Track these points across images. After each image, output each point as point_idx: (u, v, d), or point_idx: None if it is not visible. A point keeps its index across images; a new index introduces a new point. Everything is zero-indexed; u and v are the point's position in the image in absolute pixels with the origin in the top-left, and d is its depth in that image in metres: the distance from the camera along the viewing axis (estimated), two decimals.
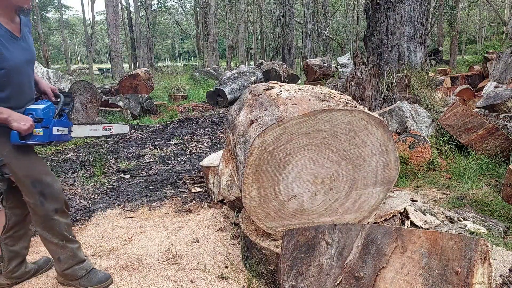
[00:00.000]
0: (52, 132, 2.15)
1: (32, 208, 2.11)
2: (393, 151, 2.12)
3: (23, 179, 2.05)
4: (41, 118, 2.11)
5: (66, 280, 2.29)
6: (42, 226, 2.15)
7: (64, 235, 2.19)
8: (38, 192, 2.07)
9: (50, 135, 2.14)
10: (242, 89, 10.57)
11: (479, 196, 3.33)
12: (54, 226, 2.15)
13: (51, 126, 2.14)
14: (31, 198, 2.08)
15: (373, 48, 6.14)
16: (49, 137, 2.15)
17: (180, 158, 5.32)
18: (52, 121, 2.14)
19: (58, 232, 2.16)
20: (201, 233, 2.96)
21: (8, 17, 1.99)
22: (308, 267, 1.60)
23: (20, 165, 2.03)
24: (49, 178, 2.13)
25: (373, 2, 6.01)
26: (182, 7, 37.69)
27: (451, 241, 1.35)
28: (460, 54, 26.47)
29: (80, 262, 2.26)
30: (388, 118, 4.58)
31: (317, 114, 1.96)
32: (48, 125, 2.13)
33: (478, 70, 10.76)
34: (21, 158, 2.04)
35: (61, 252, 2.21)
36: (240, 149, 2.19)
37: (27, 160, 2.07)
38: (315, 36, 22.37)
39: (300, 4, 28.95)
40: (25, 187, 2.07)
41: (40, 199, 2.08)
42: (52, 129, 2.15)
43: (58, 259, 2.22)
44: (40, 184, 2.08)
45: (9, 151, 2.01)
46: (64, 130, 2.20)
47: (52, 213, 2.12)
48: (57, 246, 2.19)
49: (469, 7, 27.69)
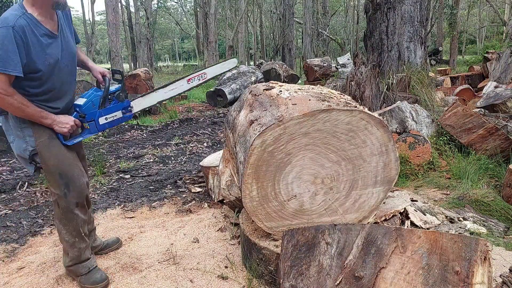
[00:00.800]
0: (99, 123, 2.19)
1: (55, 199, 2.18)
2: (393, 151, 2.12)
3: (52, 169, 2.11)
4: (84, 114, 2.15)
5: (70, 274, 2.38)
6: (61, 219, 2.22)
7: (78, 231, 2.26)
8: (64, 184, 2.13)
9: (98, 126, 2.19)
10: (242, 89, 10.56)
11: (479, 196, 3.33)
12: (72, 220, 2.22)
13: (97, 118, 2.17)
14: (56, 188, 2.15)
15: (373, 48, 6.13)
16: (98, 129, 2.20)
17: (180, 158, 5.32)
18: (96, 113, 2.16)
19: (74, 227, 2.23)
20: (201, 233, 2.96)
21: (46, 15, 2.01)
22: (308, 267, 1.60)
23: (50, 156, 2.10)
24: (76, 172, 2.18)
25: (373, 2, 6.00)
26: (182, 7, 37.71)
27: (451, 241, 1.35)
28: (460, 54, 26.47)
29: (84, 260, 2.32)
30: (388, 118, 4.58)
31: (317, 114, 1.96)
32: (93, 118, 2.16)
33: (478, 70, 10.76)
34: (52, 149, 2.11)
35: (70, 250, 2.29)
36: (240, 149, 2.19)
37: (58, 152, 2.13)
38: (315, 36, 22.36)
39: (300, 4, 28.94)
40: (52, 178, 2.13)
41: (64, 191, 2.14)
42: (98, 120, 2.18)
43: (67, 254, 2.31)
44: (67, 176, 2.13)
45: (43, 141, 2.09)
46: (115, 115, 2.21)
47: (73, 207, 2.19)
48: (68, 243, 2.27)
49: (469, 7, 27.70)
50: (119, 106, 2.22)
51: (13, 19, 1.88)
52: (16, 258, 2.69)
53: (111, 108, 2.21)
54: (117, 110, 2.22)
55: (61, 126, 2.10)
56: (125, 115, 2.25)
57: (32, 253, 2.75)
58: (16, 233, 3.07)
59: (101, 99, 2.17)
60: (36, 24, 1.96)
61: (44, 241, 2.94)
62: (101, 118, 2.19)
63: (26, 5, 1.97)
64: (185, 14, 36.32)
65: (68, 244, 2.27)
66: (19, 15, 1.91)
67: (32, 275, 2.44)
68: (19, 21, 1.89)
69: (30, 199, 3.79)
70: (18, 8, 1.96)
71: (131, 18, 27.08)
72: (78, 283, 2.32)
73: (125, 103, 2.25)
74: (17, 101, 1.96)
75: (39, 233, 3.08)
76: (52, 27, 2.04)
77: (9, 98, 1.93)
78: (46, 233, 3.07)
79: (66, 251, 2.31)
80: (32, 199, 3.79)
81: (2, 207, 3.62)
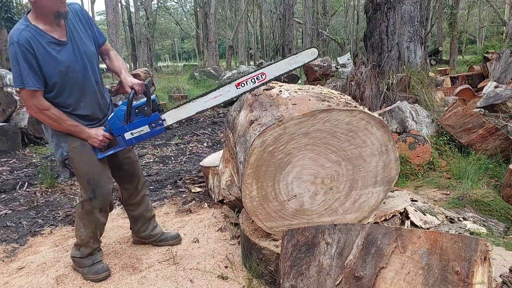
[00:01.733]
0: (125, 139, 2.18)
1: (81, 201, 2.29)
2: (393, 151, 2.12)
3: (81, 174, 2.21)
4: (111, 129, 2.18)
5: (73, 265, 2.45)
6: (82, 219, 2.32)
7: (95, 233, 2.36)
8: (91, 190, 2.22)
9: (125, 141, 2.19)
10: None
11: (479, 196, 3.33)
12: (92, 222, 2.31)
13: (122, 133, 2.17)
14: (84, 192, 2.26)
15: (373, 48, 6.13)
16: (126, 143, 2.20)
17: (180, 158, 5.32)
18: (122, 128, 2.15)
19: (92, 229, 2.33)
20: (201, 233, 2.95)
21: (52, 23, 2.03)
22: (308, 267, 1.60)
23: (81, 162, 2.19)
24: (104, 180, 2.26)
25: (373, 2, 6.00)
26: (182, 7, 37.71)
27: (451, 241, 1.35)
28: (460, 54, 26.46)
29: (92, 255, 2.39)
30: (388, 118, 4.58)
31: (317, 114, 1.96)
32: (120, 133, 2.16)
33: (478, 70, 10.75)
34: (83, 156, 2.19)
35: (83, 247, 2.37)
36: (240, 149, 2.19)
37: (89, 159, 2.21)
38: (315, 36, 22.35)
39: (300, 4, 28.94)
40: (82, 182, 2.24)
41: (90, 196, 2.23)
42: (124, 136, 2.17)
43: (78, 248, 2.39)
44: (94, 183, 2.22)
45: (75, 147, 2.18)
46: (141, 129, 2.16)
47: (96, 211, 2.29)
48: (83, 241, 2.35)
49: (469, 7, 27.70)
50: (145, 121, 2.15)
51: (17, 33, 1.94)
52: (16, 258, 2.69)
53: (136, 123, 2.15)
54: (143, 124, 2.15)
55: (91, 140, 2.19)
56: (154, 129, 2.16)
57: (32, 253, 2.75)
58: (16, 233, 3.07)
59: (125, 114, 2.13)
60: (41, 34, 1.99)
61: (44, 241, 2.94)
62: (127, 134, 2.17)
63: (30, 17, 2.01)
64: (185, 14, 36.32)
65: (83, 242, 2.36)
66: (22, 29, 1.95)
67: (32, 275, 2.44)
68: (22, 35, 1.93)
69: (30, 199, 3.79)
70: (22, 22, 2.00)
71: (131, 18, 27.08)
72: (81, 273, 2.38)
73: (152, 117, 2.14)
74: (54, 115, 2.07)
75: (39, 233, 3.08)
76: (59, 35, 2.06)
77: (44, 112, 2.05)
78: (46, 233, 3.07)
79: (78, 246, 2.39)
80: (32, 199, 3.79)
81: (2, 207, 3.62)
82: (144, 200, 2.66)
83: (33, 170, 4.71)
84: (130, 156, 2.54)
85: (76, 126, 2.14)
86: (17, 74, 1.97)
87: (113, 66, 2.38)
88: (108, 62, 2.40)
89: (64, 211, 3.51)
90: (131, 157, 2.55)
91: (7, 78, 6.49)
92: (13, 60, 1.95)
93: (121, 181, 2.57)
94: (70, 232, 3.08)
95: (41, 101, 2.03)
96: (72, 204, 3.67)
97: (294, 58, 2.16)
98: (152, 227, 2.73)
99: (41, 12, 1.98)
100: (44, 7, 1.96)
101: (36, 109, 2.04)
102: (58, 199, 3.81)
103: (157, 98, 2.22)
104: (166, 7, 36.62)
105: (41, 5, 1.95)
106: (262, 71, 2.14)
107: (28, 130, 5.80)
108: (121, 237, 2.94)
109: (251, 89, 2.17)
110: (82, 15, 2.20)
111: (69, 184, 4.22)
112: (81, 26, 2.17)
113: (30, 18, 2.01)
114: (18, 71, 1.95)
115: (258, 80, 2.14)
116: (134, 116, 2.15)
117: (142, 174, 2.67)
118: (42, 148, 5.82)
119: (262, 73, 2.13)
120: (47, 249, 2.78)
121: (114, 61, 2.38)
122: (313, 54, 2.16)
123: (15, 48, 1.92)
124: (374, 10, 6.01)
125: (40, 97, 2.03)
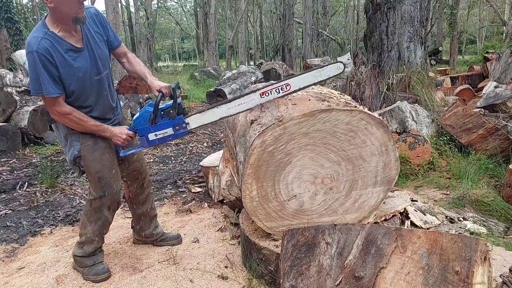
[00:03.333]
0: (149, 139, 2.22)
1: (90, 199, 2.30)
2: (393, 151, 2.12)
3: (92, 173, 2.23)
4: (135, 129, 2.22)
5: (74, 264, 2.46)
6: (89, 216, 2.33)
7: (101, 231, 2.39)
8: (101, 188, 2.25)
9: (148, 141, 2.22)
10: (242, 89, 10.56)
11: (479, 196, 3.32)
12: (99, 220, 2.33)
13: (146, 134, 2.20)
14: (94, 190, 2.28)
15: (373, 48, 6.14)
16: (149, 144, 2.24)
17: (180, 158, 5.32)
18: (146, 129, 2.19)
19: (98, 226, 2.35)
20: (201, 233, 2.95)
21: (69, 29, 2.04)
22: (308, 267, 1.60)
23: (93, 160, 2.21)
24: (113, 178, 2.28)
25: (373, 2, 6.00)
26: (182, 7, 37.67)
27: (451, 241, 1.35)
28: (460, 54, 26.45)
29: (94, 255, 2.40)
30: (388, 118, 4.58)
31: (317, 114, 1.96)
32: (144, 134, 2.20)
33: (478, 70, 10.75)
34: (95, 154, 2.21)
35: (87, 245, 2.38)
36: (240, 149, 2.19)
37: (100, 158, 2.23)
38: (315, 36, 22.34)
39: (300, 4, 28.91)
40: (92, 180, 2.26)
41: (100, 194, 2.26)
42: (148, 136, 2.21)
43: (81, 247, 2.39)
44: (105, 181, 2.24)
45: (87, 146, 2.20)
46: (165, 131, 2.20)
47: (105, 209, 2.32)
48: (89, 239, 2.36)
49: (469, 7, 27.68)
50: (170, 123, 2.18)
51: (36, 42, 1.93)
52: (16, 258, 2.69)
53: (161, 125, 2.18)
54: (168, 127, 2.18)
55: (115, 138, 2.23)
56: (178, 132, 2.20)
57: (32, 253, 2.75)
58: (16, 233, 3.07)
59: (151, 116, 2.17)
60: (59, 42, 1.99)
61: (44, 241, 2.94)
62: (151, 134, 2.20)
63: (48, 22, 2.00)
64: (185, 14, 36.31)
65: (88, 239, 2.37)
66: (41, 37, 1.95)
67: (32, 275, 2.44)
68: (41, 44, 1.94)
69: (30, 199, 3.79)
70: (40, 29, 1.99)
71: (131, 18, 27.07)
72: (81, 273, 2.39)
73: (177, 120, 2.18)
74: (77, 118, 2.11)
75: (39, 233, 3.08)
76: (76, 41, 2.07)
77: (67, 117, 2.09)
78: (46, 233, 3.08)
79: (82, 244, 2.39)
80: (32, 199, 3.79)
81: (2, 207, 3.62)
82: (149, 198, 2.69)
83: (33, 170, 4.71)
84: (137, 154, 2.56)
85: (99, 125, 2.19)
86: (36, 81, 1.97)
87: (135, 70, 2.40)
88: (128, 66, 2.41)
89: (64, 211, 3.51)
90: (138, 154, 2.57)
91: (7, 78, 6.47)
92: (32, 68, 1.95)
93: (128, 178, 2.58)
94: (70, 232, 3.08)
95: (63, 107, 2.07)
96: (72, 204, 3.67)
97: (320, 71, 2.16)
98: (154, 226, 2.75)
99: (60, 17, 1.98)
100: (63, 12, 1.95)
101: (59, 115, 2.09)
102: (58, 199, 3.81)
103: (182, 101, 2.25)
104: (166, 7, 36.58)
105: (60, 11, 1.94)
106: (286, 82, 2.16)
107: (28, 130, 5.80)
108: (121, 237, 2.94)
109: (274, 99, 2.18)
110: (98, 19, 2.20)
111: (69, 184, 4.22)
112: (96, 30, 2.18)
113: (47, 23, 2.00)
114: (37, 79, 1.96)
115: (283, 91, 2.15)
116: (159, 118, 2.19)
117: (148, 172, 2.70)
118: (42, 148, 5.82)
119: (286, 84, 2.15)
120: (47, 249, 2.78)
121: (135, 65, 2.40)
122: (339, 68, 2.17)
123: (34, 57, 1.92)
124: (374, 10, 6.01)
125: (61, 102, 2.06)
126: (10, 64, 12.33)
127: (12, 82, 6.49)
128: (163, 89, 2.24)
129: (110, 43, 2.29)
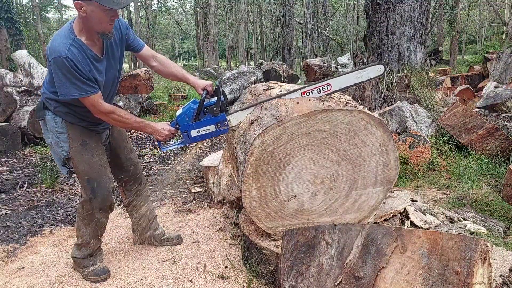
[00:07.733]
0: (191, 135, 2.24)
1: (81, 201, 2.29)
2: (393, 151, 2.12)
3: (81, 174, 2.21)
4: (178, 125, 2.24)
5: (74, 265, 2.46)
6: (82, 218, 2.32)
7: (96, 233, 2.37)
8: (91, 189, 2.22)
9: (190, 138, 2.25)
10: (242, 89, 10.56)
11: (479, 196, 3.33)
12: (92, 222, 2.31)
13: (189, 130, 2.23)
14: (84, 192, 2.27)
15: (373, 48, 6.14)
16: (190, 140, 2.26)
17: (180, 158, 5.32)
18: (189, 126, 2.22)
19: (92, 228, 2.33)
20: (201, 233, 2.96)
21: (92, 38, 2.05)
22: (308, 267, 1.60)
23: (82, 161, 2.20)
24: (104, 179, 2.26)
25: (373, 2, 6.00)
26: (182, 7, 37.66)
27: (451, 241, 1.35)
28: (460, 54, 26.46)
29: (92, 256, 2.40)
30: (388, 118, 4.58)
31: (317, 114, 1.96)
32: (186, 130, 2.23)
33: (478, 70, 10.76)
34: (84, 155, 2.20)
35: (84, 247, 2.38)
36: (240, 149, 2.19)
37: (89, 159, 2.21)
38: (315, 36, 22.33)
39: (300, 4, 28.93)
40: (82, 181, 2.24)
41: (90, 196, 2.23)
42: (191, 133, 2.23)
43: (79, 248, 2.39)
44: (94, 183, 2.22)
45: (76, 147, 2.19)
46: (207, 128, 2.23)
47: (96, 211, 2.29)
48: (85, 241, 2.36)
49: (469, 7, 27.65)
50: (212, 120, 2.21)
51: (65, 48, 1.93)
52: (16, 258, 2.69)
53: (204, 122, 2.21)
54: (210, 124, 2.21)
55: (157, 134, 2.24)
56: (219, 129, 2.23)
57: (32, 253, 2.75)
58: (16, 233, 3.07)
59: (195, 112, 2.20)
60: (84, 50, 2.01)
61: (44, 241, 2.94)
62: (193, 131, 2.23)
63: (75, 29, 2.01)
64: (185, 14, 36.30)
65: (84, 241, 2.36)
66: (69, 43, 1.95)
67: (32, 275, 2.44)
68: (71, 50, 1.94)
69: (30, 199, 3.79)
70: (68, 35, 1.99)
71: (131, 18, 27.06)
72: (81, 274, 2.39)
73: (219, 117, 2.21)
74: (120, 116, 2.14)
75: (39, 233, 3.08)
76: (98, 50, 2.09)
77: (110, 115, 2.12)
78: (46, 233, 3.07)
79: (79, 246, 2.39)
80: (32, 199, 3.79)
81: (2, 207, 3.62)
82: (146, 201, 2.69)
83: (33, 170, 4.71)
84: (132, 158, 2.56)
85: (141, 122, 2.23)
86: (63, 85, 1.97)
87: (172, 72, 2.40)
88: (162, 68, 2.40)
89: (64, 211, 3.51)
90: (133, 158, 2.57)
91: (7, 78, 6.47)
92: (61, 73, 1.94)
93: (124, 182, 2.58)
94: (70, 232, 3.08)
95: (104, 105, 2.09)
96: (72, 204, 3.67)
97: (361, 72, 2.16)
98: (154, 227, 2.75)
99: (88, 27, 1.99)
100: (92, 24, 1.96)
101: (103, 114, 2.10)
102: (58, 199, 3.81)
103: (225, 99, 2.28)
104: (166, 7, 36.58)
105: (90, 22, 1.95)
106: (328, 82, 2.16)
107: (28, 130, 5.80)
108: (121, 237, 2.94)
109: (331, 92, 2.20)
110: (119, 27, 2.20)
111: (69, 184, 4.22)
112: (116, 38, 2.18)
113: (75, 29, 2.00)
114: (66, 83, 1.96)
115: (324, 91, 2.17)
116: (202, 115, 2.22)
117: (144, 177, 2.69)
118: (42, 148, 5.82)
119: (328, 84, 2.16)
120: (47, 249, 2.78)
121: (170, 67, 2.41)
122: (380, 70, 2.18)
123: (64, 62, 1.91)
124: (374, 10, 6.01)
125: (100, 100, 2.07)
126: (10, 64, 12.34)
127: (12, 82, 6.49)
128: (207, 87, 2.30)
129: (132, 47, 2.31)
